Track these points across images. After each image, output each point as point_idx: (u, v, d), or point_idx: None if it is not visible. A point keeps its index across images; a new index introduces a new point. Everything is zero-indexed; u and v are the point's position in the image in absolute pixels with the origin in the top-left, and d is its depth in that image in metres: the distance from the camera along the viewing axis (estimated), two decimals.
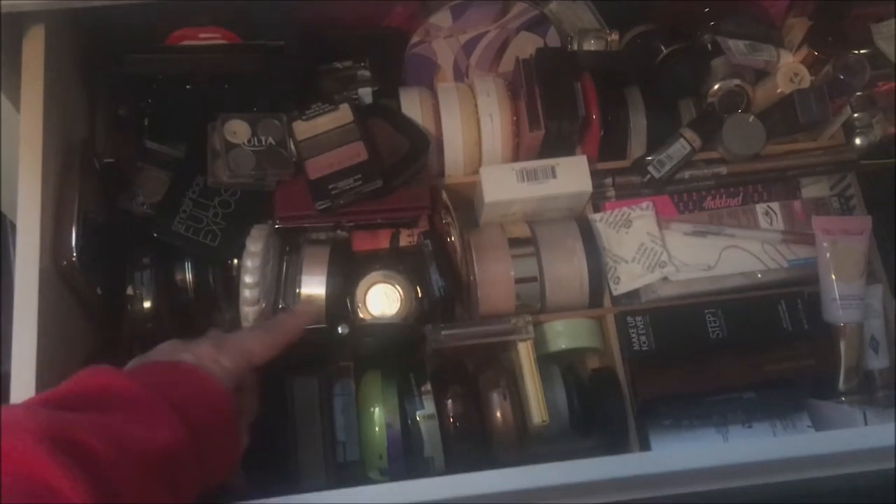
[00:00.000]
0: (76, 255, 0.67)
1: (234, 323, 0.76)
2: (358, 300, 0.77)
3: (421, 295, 0.78)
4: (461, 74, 0.89)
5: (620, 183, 0.86)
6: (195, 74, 0.78)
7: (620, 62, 0.87)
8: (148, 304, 0.75)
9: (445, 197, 0.81)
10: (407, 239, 0.81)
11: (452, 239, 0.80)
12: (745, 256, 0.84)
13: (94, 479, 0.45)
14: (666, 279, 0.82)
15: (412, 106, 0.84)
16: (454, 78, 0.89)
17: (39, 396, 0.52)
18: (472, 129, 0.84)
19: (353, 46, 0.85)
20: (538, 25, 0.86)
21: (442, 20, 0.85)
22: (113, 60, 0.77)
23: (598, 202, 0.86)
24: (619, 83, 0.86)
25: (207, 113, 0.79)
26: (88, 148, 0.75)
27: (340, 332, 0.72)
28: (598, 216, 0.84)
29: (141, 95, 0.80)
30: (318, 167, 0.78)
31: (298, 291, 0.77)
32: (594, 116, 0.83)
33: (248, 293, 0.74)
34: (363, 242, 0.81)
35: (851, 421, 0.72)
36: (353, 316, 0.76)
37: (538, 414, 0.74)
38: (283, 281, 0.78)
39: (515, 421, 0.75)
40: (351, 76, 0.85)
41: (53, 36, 0.72)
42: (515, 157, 0.85)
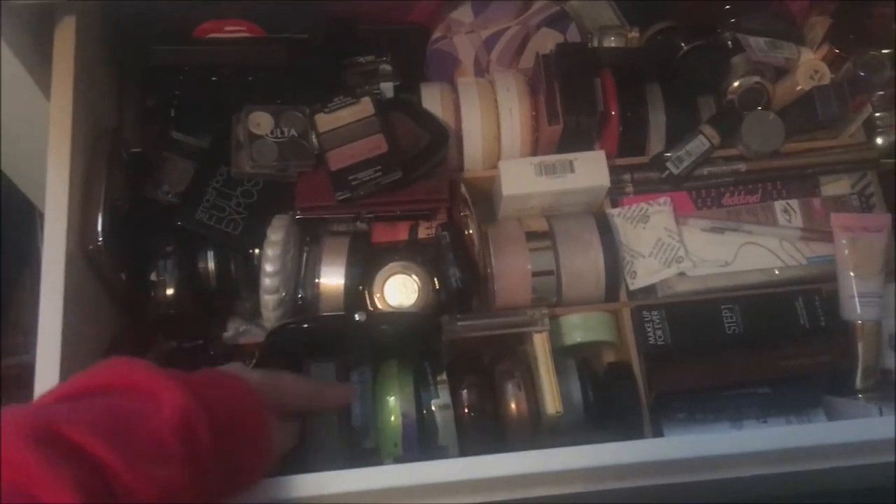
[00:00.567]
0: (102, 239, 0.69)
1: (254, 310, 0.77)
2: (376, 290, 0.78)
3: (438, 286, 0.79)
4: (482, 70, 0.90)
5: (639, 178, 0.86)
6: (221, 67, 0.79)
7: (640, 59, 0.87)
8: (171, 290, 0.77)
9: (464, 190, 0.82)
10: (426, 231, 0.83)
11: (470, 231, 0.81)
12: (762, 253, 0.84)
13: (82, 473, 0.43)
14: (683, 275, 0.83)
15: (433, 100, 0.85)
16: (475, 73, 0.90)
17: (53, 393, 0.51)
18: (491, 123, 0.85)
19: (375, 41, 0.86)
20: (559, 22, 0.87)
21: (463, 16, 0.86)
22: (142, 52, 0.79)
23: (616, 197, 0.86)
24: (638, 79, 0.87)
25: (232, 104, 0.80)
26: (116, 137, 0.76)
27: (358, 318, 0.73)
28: (615, 211, 0.85)
29: (168, 87, 0.82)
30: (339, 158, 0.80)
31: (317, 281, 0.79)
32: (613, 112, 0.84)
33: (268, 281, 0.75)
34: (382, 234, 0.83)
35: (867, 416, 0.72)
36: (371, 305, 0.77)
37: (552, 405, 0.74)
38: (302, 270, 0.79)
39: (530, 411, 0.76)
40: (373, 70, 0.86)
41: (84, 27, 0.74)
42: (534, 151, 0.86)
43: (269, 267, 0.75)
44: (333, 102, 0.82)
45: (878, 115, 0.90)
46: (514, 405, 0.76)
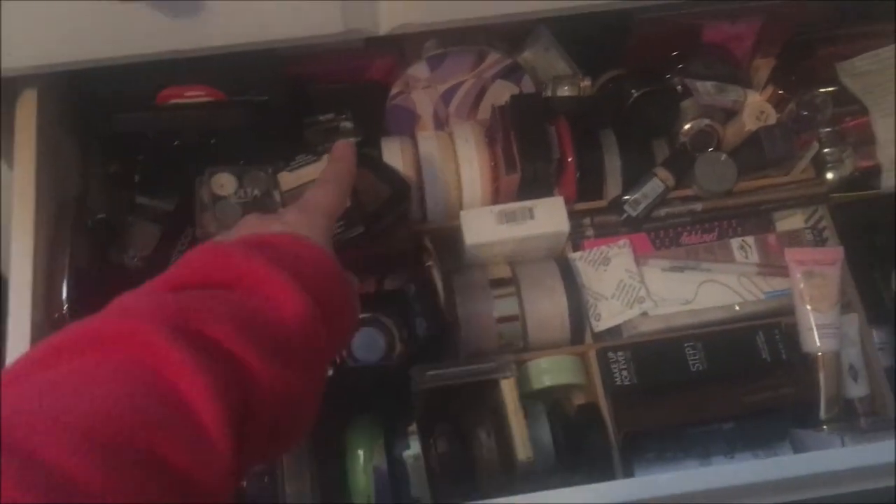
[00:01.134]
0: (67, 307, 0.69)
1: None
2: None
3: (406, 337, 0.80)
4: (441, 123, 0.92)
5: (598, 222, 0.88)
6: (183, 131, 0.81)
7: (593, 106, 0.90)
8: None
9: (428, 241, 0.84)
10: (391, 283, 0.84)
11: (436, 282, 0.82)
12: (722, 290, 0.86)
13: (222, 370, 0.41)
14: (645, 314, 0.84)
15: (393, 154, 0.87)
16: (434, 126, 0.92)
17: (156, 283, 0.48)
18: (451, 174, 0.87)
19: (335, 99, 0.89)
20: (513, 74, 0.90)
21: (420, 72, 0.88)
22: (104, 119, 0.80)
23: (577, 241, 0.88)
24: (593, 126, 0.89)
25: (196, 167, 0.82)
26: (80, 204, 0.77)
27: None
28: (577, 255, 0.87)
29: (131, 152, 0.83)
30: None
31: None
32: (570, 158, 0.86)
33: None
34: None
35: (831, 448, 0.73)
36: (338, 360, 0.78)
37: (523, 451, 0.75)
38: None
39: (501, 458, 0.76)
40: (334, 128, 0.88)
41: (46, 97, 0.76)
42: (495, 200, 0.87)
43: None
44: (296, 161, 0.84)
45: (826, 150, 0.93)
46: (485, 452, 0.77)
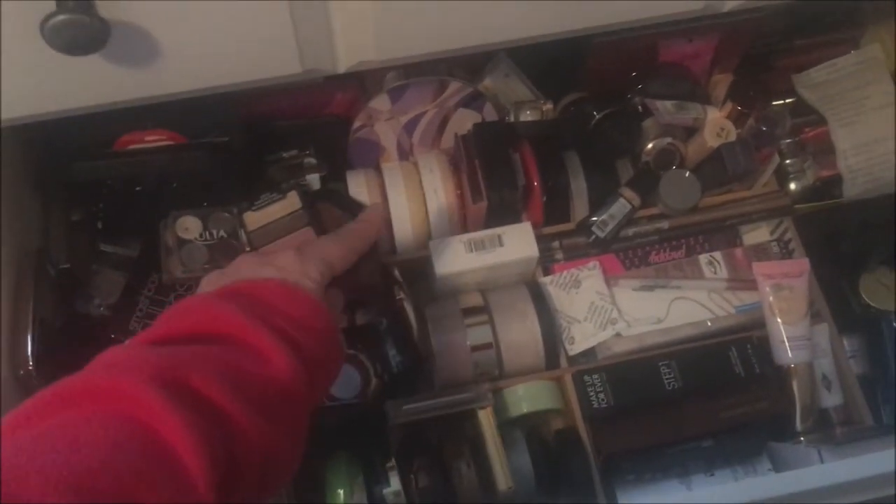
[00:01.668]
0: (33, 363, 0.68)
1: None
2: None
3: (381, 372, 0.79)
4: (405, 153, 0.92)
5: (567, 245, 0.88)
6: (144, 176, 0.80)
7: (556, 129, 0.90)
8: None
9: (397, 273, 0.83)
10: (363, 317, 0.83)
11: (408, 314, 0.82)
12: (693, 307, 0.86)
13: (208, 426, 0.41)
14: (619, 335, 0.84)
15: (359, 188, 0.87)
16: (399, 157, 0.92)
17: (140, 337, 0.49)
18: (418, 205, 0.86)
19: (297, 135, 0.88)
20: (475, 101, 0.90)
21: (381, 104, 0.88)
22: (63, 169, 0.79)
23: (547, 265, 0.88)
24: (557, 150, 0.90)
25: (159, 211, 0.81)
26: (42, 256, 0.76)
27: None
28: (548, 279, 0.87)
29: (93, 200, 0.82)
30: None
31: None
32: (535, 183, 0.86)
33: None
34: None
35: (808, 461, 0.74)
36: None
37: (503, 481, 0.75)
38: None
39: (482, 488, 0.76)
40: (298, 164, 0.88)
41: (5, 149, 0.75)
42: (463, 228, 0.87)
43: None
44: (260, 200, 0.83)
45: (788, 161, 0.94)
46: (465, 484, 0.76)
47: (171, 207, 0.81)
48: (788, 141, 0.94)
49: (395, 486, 0.74)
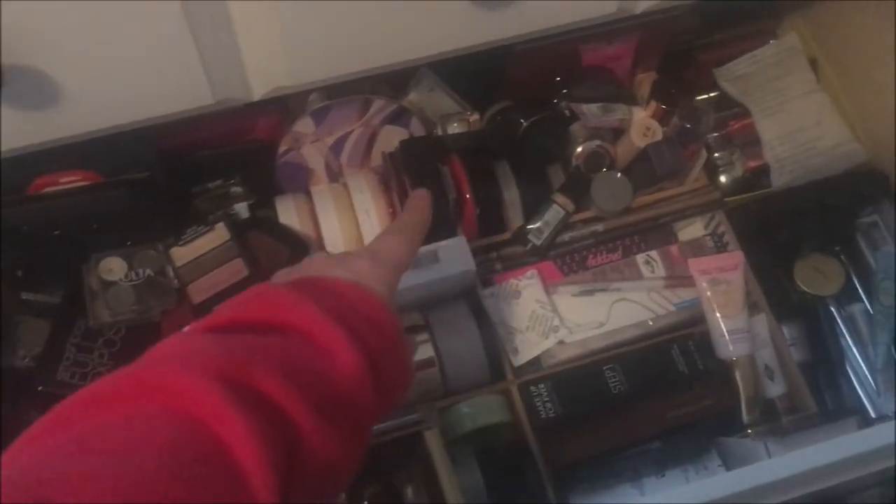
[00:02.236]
0: None
1: None
2: None
3: None
4: (335, 174, 0.90)
5: (505, 255, 0.88)
6: (62, 220, 0.77)
7: (485, 140, 0.90)
8: None
9: None
10: None
11: None
12: (633, 307, 0.86)
13: (271, 430, 0.38)
14: (562, 342, 0.84)
15: (289, 213, 0.85)
16: (328, 179, 0.90)
17: (202, 323, 0.45)
18: (351, 226, 0.85)
19: (222, 165, 0.86)
20: (401, 117, 0.89)
21: (305, 127, 0.86)
22: None
23: (487, 277, 0.87)
24: (487, 160, 0.89)
25: (81, 254, 0.78)
26: None
27: None
28: (487, 291, 0.86)
29: (9, 248, 0.79)
30: (200, 290, 0.78)
31: None
32: (467, 195, 0.86)
33: None
34: None
35: (755, 455, 0.74)
36: None
37: (454, 501, 0.74)
38: None
39: None
40: (224, 194, 0.86)
41: None
42: None
43: None
44: (187, 234, 0.81)
45: (716, 155, 0.94)
46: None
47: (93, 249, 0.78)
48: (715, 134, 0.95)
49: None
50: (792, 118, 0.94)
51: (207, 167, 0.85)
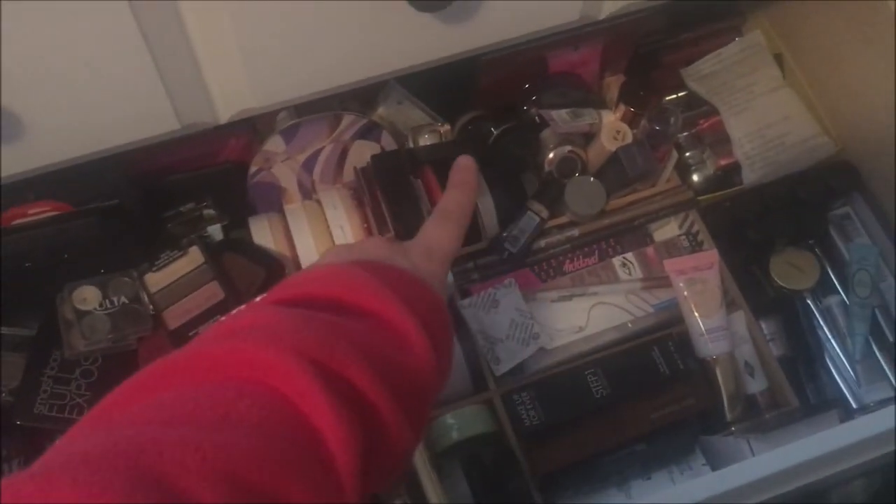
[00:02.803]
0: None
1: None
2: None
3: None
4: (308, 192, 0.90)
5: (482, 265, 0.88)
6: (32, 251, 0.76)
7: (456, 150, 0.89)
8: None
9: None
10: None
11: None
12: (612, 310, 0.86)
13: (357, 418, 0.37)
14: (543, 349, 0.84)
15: (263, 233, 0.84)
16: (301, 196, 0.90)
17: (272, 295, 0.44)
18: (325, 243, 0.85)
19: (193, 187, 0.86)
20: (371, 132, 0.89)
21: (276, 146, 0.86)
22: None
23: (465, 287, 0.87)
24: None
25: (53, 285, 0.77)
26: None
27: None
28: (466, 302, 0.86)
29: None
30: (176, 316, 0.78)
31: None
32: None
33: None
34: None
35: (739, 452, 0.74)
36: None
37: None
38: None
39: None
40: (197, 217, 0.85)
41: None
42: None
43: None
44: (160, 259, 0.80)
45: (687, 154, 0.95)
46: None
47: (65, 279, 0.77)
48: (685, 134, 0.95)
49: None
50: (759, 115, 0.95)
51: (179, 191, 0.85)
